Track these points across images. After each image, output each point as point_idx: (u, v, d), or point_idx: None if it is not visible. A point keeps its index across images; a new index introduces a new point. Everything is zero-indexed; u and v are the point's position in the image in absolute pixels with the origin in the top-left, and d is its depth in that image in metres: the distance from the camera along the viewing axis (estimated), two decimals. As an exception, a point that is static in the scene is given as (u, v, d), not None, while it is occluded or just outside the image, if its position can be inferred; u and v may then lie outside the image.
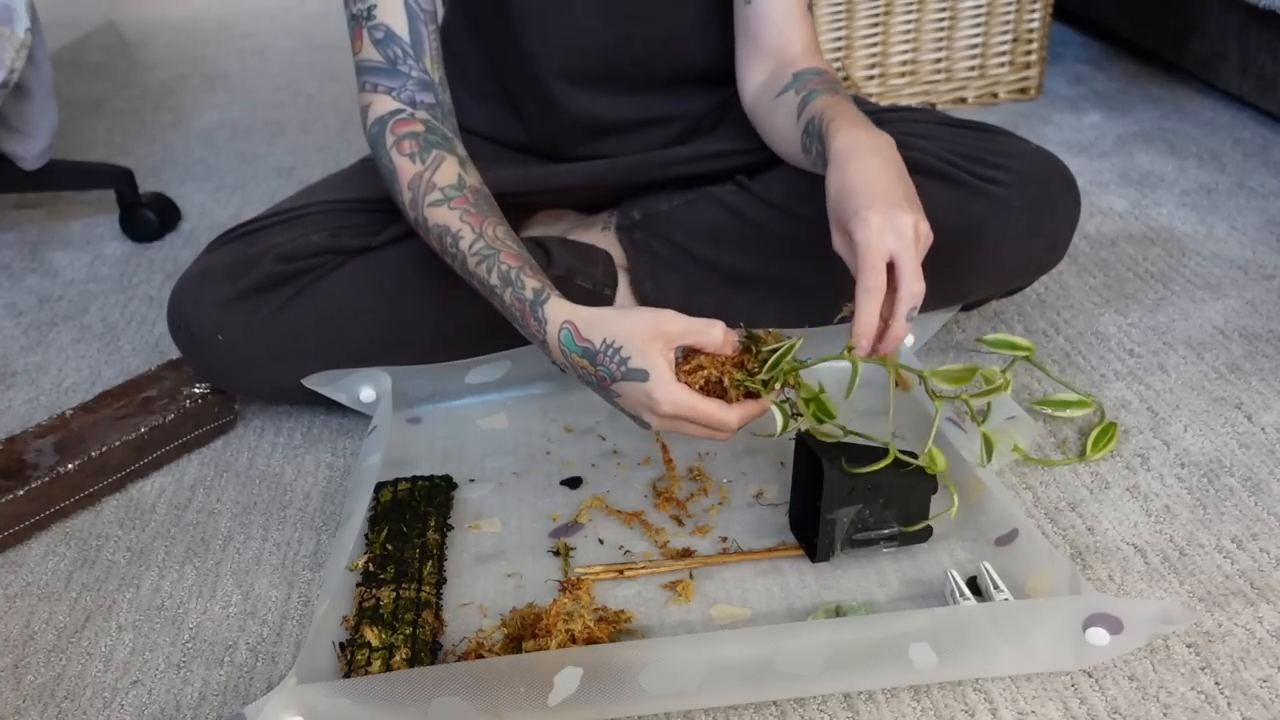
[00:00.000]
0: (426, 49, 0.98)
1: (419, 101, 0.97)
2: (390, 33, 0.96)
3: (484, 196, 0.94)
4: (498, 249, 0.89)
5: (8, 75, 1.39)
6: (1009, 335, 1.01)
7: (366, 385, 1.05)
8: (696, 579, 0.88)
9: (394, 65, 0.97)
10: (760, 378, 0.81)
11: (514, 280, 0.87)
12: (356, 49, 0.98)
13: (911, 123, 1.12)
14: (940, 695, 0.77)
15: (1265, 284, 1.25)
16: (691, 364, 0.81)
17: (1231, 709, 0.74)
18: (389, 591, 0.85)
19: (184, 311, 1.04)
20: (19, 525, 0.98)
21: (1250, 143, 1.63)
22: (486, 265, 0.89)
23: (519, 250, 0.90)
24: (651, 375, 0.79)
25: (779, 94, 1.02)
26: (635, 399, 0.81)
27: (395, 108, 0.96)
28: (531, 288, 0.86)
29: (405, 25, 0.97)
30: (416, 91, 0.97)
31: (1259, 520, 0.91)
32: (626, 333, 0.80)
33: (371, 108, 0.98)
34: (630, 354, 0.80)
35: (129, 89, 2.28)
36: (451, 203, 0.92)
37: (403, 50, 0.96)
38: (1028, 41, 1.81)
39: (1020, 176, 1.05)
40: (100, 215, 1.67)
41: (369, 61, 0.97)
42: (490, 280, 0.89)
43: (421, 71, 0.97)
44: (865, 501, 0.85)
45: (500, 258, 0.88)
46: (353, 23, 0.98)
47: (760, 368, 0.81)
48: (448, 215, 0.92)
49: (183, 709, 0.81)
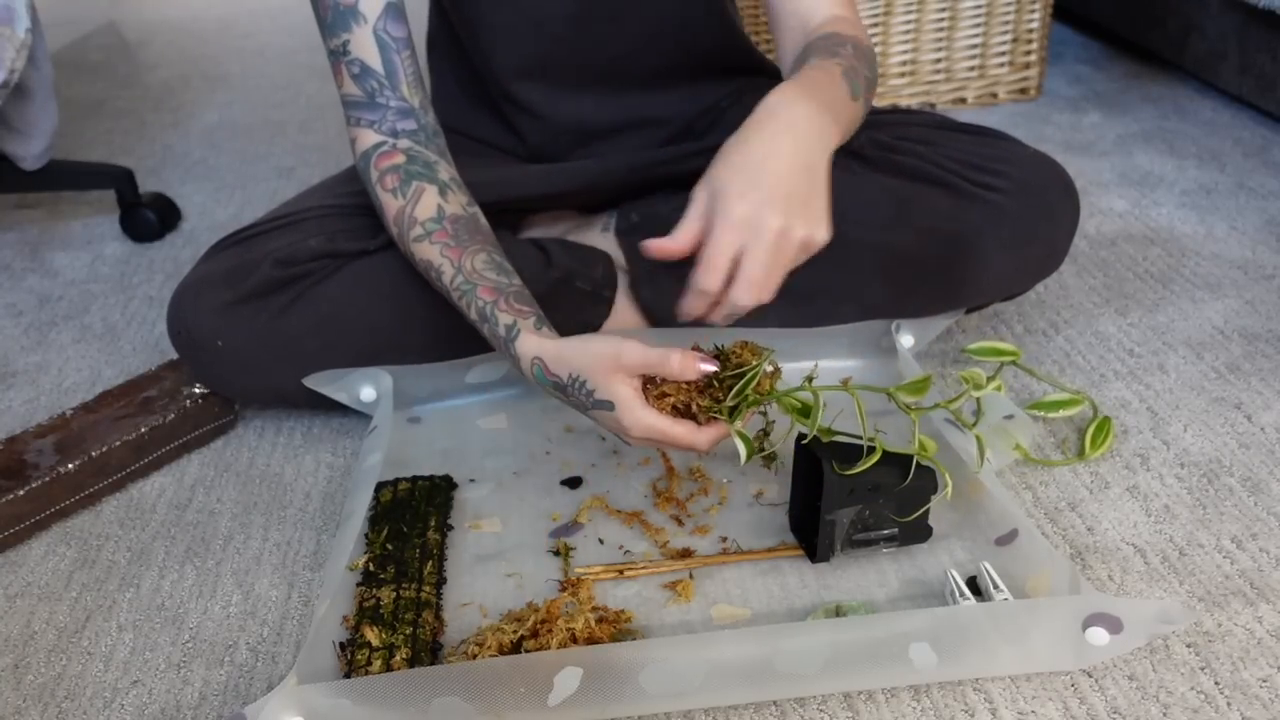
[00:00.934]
0: (402, 77, 0.98)
1: (399, 130, 0.98)
2: (365, 67, 0.97)
3: (464, 224, 0.95)
4: (475, 283, 0.91)
5: (8, 75, 1.39)
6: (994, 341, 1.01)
7: (367, 385, 1.05)
8: (696, 579, 0.88)
9: (372, 98, 0.98)
10: (727, 404, 0.81)
11: (489, 316, 0.89)
12: (339, 84, 1.00)
13: (910, 126, 1.12)
14: (940, 695, 0.77)
15: (1265, 284, 1.25)
16: (658, 390, 0.82)
17: (1231, 709, 0.74)
18: (389, 591, 0.85)
19: (183, 319, 1.04)
20: (19, 525, 0.98)
21: (1250, 143, 1.63)
22: (466, 300, 0.91)
23: (496, 280, 0.91)
24: (617, 406, 0.81)
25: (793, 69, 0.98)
26: (608, 425, 0.84)
27: (377, 140, 0.98)
28: (504, 324, 0.88)
29: (378, 57, 0.97)
30: (396, 121, 0.98)
31: (1259, 520, 0.91)
32: (588, 367, 0.81)
33: (357, 142, 0.99)
34: (594, 387, 0.82)
35: (129, 89, 2.28)
36: (432, 237, 0.94)
37: (378, 83, 0.97)
38: (1027, 42, 1.81)
39: (1018, 183, 1.05)
40: (100, 215, 1.67)
41: (350, 96, 0.99)
42: (471, 315, 0.91)
43: (400, 100, 0.98)
44: (865, 502, 0.85)
45: (477, 292, 0.90)
46: (332, 58, 0.99)
47: (725, 394, 0.81)
48: (429, 250, 0.94)
49: (183, 709, 0.81)
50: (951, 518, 0.92)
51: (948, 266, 1.05)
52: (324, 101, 2.13)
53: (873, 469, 0.84)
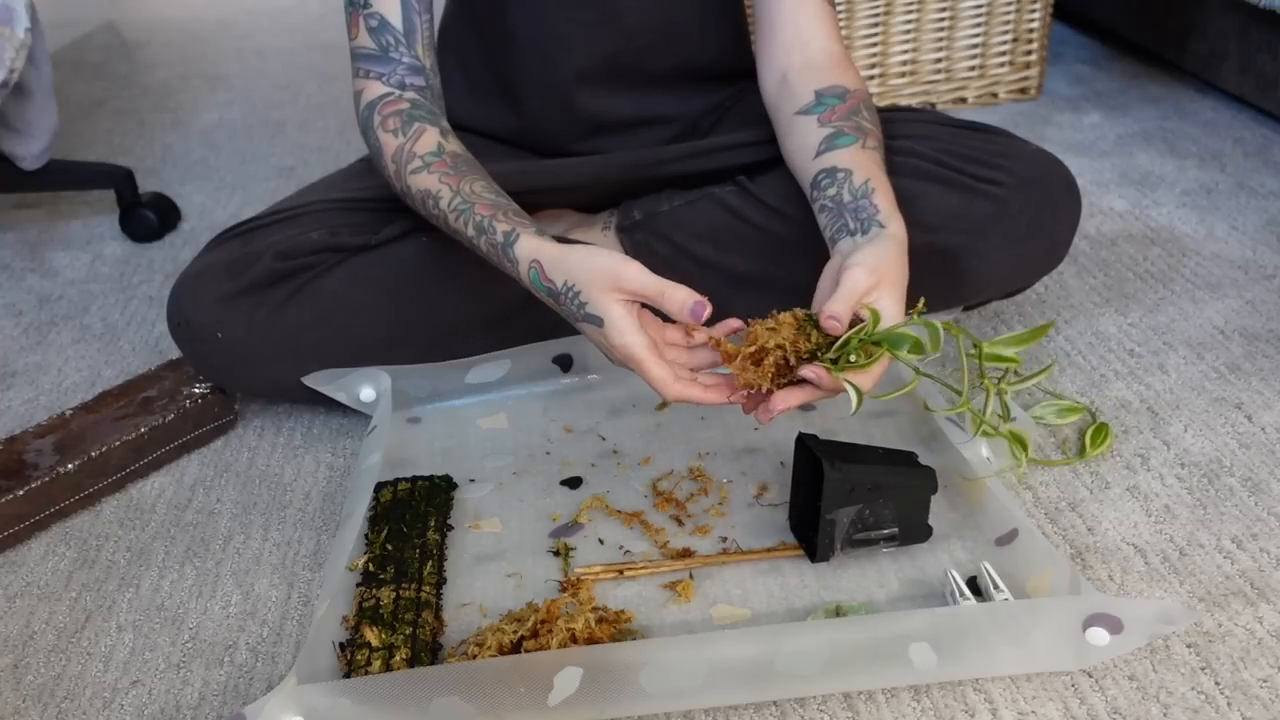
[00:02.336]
0: (419, 37, 1.00)
1: (408, 84, 1.00)
2: (384, 21, 0.99)
3: (464, 160, 0.97)
4: (473, 202, 0.92)
5: (8, 75, 1.39)
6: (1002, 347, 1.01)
7: (366, 384, 1.05)
8: (696, 579, 0.88)
9: (386, 52, 0.99)
10: (829, 356, 0.81)
11: (487, 228, 0.90)
12: (352, 35, 1.01)
13: (911, 123, 1.11)
14: (940, 695, 0.77)
15: (1265, 284, 1.25)
16: (754, 349, 0.81)
17: (1231, 709, 0.74)
18: (389, 591, 0.85)
19: (183, 309, 1.04)
20: (19, 525, 0.98)
21: (1250, 143, 1.63)
22: (464, 219, 0.92)
23: (495, 200, 0.92)
24: (606, 323, 0.82)
25: (799, 111, 1.00)
26: (595, 339, 0.85)
27: (385, 91, 1.00)
28: (502, 231, 0.89)
29: (399, 14, 0.99)
30: (406, 75, 1.00)
31: (1259, 520, 0.91)
32: (586, 280, 0.83)
33: (363, 93, 1.01)
34: (588, 300, 0.82)
35: (129, 89, 2.28)
36: (431, 168, 0.95)
37: (395, 38, 0.99)
38: (1028, 41, 1.81)
39: (1020, 179, 1.05)
40: (100, 215, 1.67)
41: (363, 48, 1.00)
42: (468, 233, 0.92)
43: (413, 58, 1.00)
44: (865, 501, 0.85)
45: (475, 209, 0.91)
46: (349, 8, 1.01)
47: (826, 348, 0.81)
48: (427, 180, 0.95)
49: (183, 709, 0.80)
50: (951, 518, 0.92)
51: (951, 262, 1.05)
52: (324, 101, 2.13)
53: (873, 469, 0.84)
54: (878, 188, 0.92)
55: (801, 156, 0.99)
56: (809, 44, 1.03)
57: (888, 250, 0.85)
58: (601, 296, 0.82)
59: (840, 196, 0.92)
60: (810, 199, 0.97)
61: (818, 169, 0.96)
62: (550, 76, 1.11)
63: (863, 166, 0.94)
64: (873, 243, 0.86)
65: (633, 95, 1.14)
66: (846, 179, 0.93)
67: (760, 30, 1.06)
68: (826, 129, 0.97)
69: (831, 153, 0.96)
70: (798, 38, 1.03)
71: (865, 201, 0.91)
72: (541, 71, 1.11)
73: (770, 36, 1.05)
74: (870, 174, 0.93)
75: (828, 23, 1.04)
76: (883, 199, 0.91)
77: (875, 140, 0.98)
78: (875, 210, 0.90)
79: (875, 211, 0.90)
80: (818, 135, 0.98)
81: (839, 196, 0.92)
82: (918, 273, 1.07)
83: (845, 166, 0.94)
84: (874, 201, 0.90)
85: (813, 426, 1.03)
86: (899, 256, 0.86)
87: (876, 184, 0.92)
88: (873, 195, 0.91)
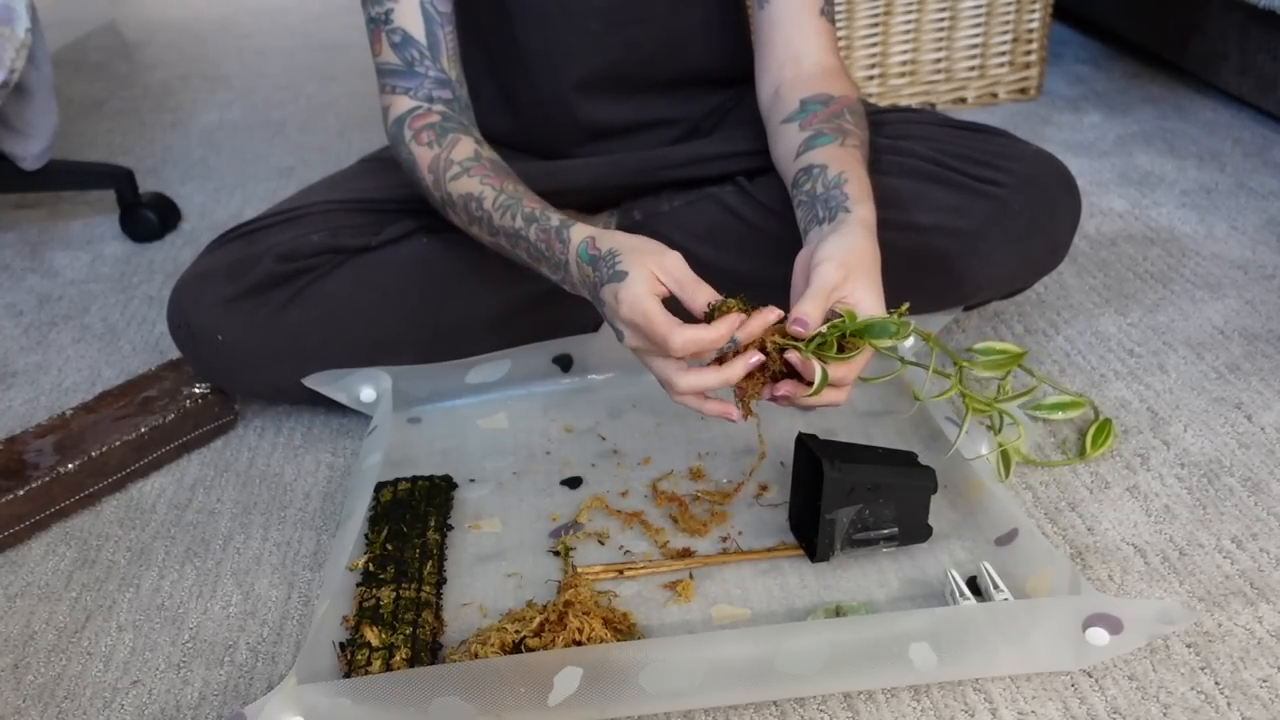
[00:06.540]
0: (443, 50, 1.01)
1: (435, 97, 1.01)
2: (407, 36, 0.99)
3: (501, 165, 0.98)
4: (519, 198, 0.93)
5: (8, 75, 1.39)
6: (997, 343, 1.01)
7: (366, 385, 1.05)
8: (696, 579, 0.88)
9: (411, 67, 1.00)
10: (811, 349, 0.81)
11: (538, 217, 0.91)
12: (376, 51, 1.01)
13: (910, 124, 1.12)
14: (940, 695, 0.77)
15: (1265, 284, 1.25)
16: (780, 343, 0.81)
17: (1231, 709, 0.74)
18: (389, 591, 0.85)
19: (184, 311, 1.04)
20: (19, 525, 0.98)
21: (1250, 143, 1.63)
22: (511, 212, 0.92)
23: (541, 199, 0.94)
24: (629, 277, 0.81)
25: (784, 120, 1.01)
26: (610, 304, 0.83)
27: (413, 105, 1.00)
28: (558, 218, 0.90)
29: (422, 29, 1.00)
30: (434, 89, 1.01)
31: (1259, 520, 0.91)
32: (635, 247, 0.84)
33: (391, 108, 1.01)
34: (623, 259, 0.82)
35: (129, 89, 2.28)
36: (470, 172, 0.96)
37: (419, 53, 1.00)
38: (1028, 41, 1.81)
39: (1020, 179, 1.05)
40: (100, 215, 1.67)
41: (388, 64, 1.01)
42: (515, 224, 0.92)
43: (439, 71, 1.00)
44: (865, 501, 0.85)
45: (523, 203, 0.93)
46: (371, 25, 1.01)
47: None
48: (468, 183, 0.95)
49: (183, 709, 0.81)
50: (951, 518, 0.92)
51: (951, 263, 1.05)
52: (324, 101, 2.13)
53: (872, 469, 0.84)
54: (851, 178, 0.91)
55: (785, 161, 0.99)
56: (803, 59, 1.03)
57: (854, 238, 0.84)
58: (638, 260, 0.82)
59: (814, 190, 0.92)
60: (792, 199, 0.97)
61: (797, 168, 0.96)
62: (553, 84, 1.11)
63: (838, 161, 0.93)
64: (838, 231, 0.85)
65: (634, 101, 1.14)
66: (821, 173, 0.93)
67: (759, 48, 1.07)
68: (807, 132, 0.98)
69: (810, 152, 0.96)
70: (792, 54, 1.04)
71: (836, 191, 0.90)
72: (544, 79, 1.11)
73: (768, 53, 1.05)
74: (845, 167, 0.92)
75: (824, 39, 1.04)
76: (854, 187, 0.90)
77: (856, 140, 0.97)
78: (844, 198, 0.89)
79: (844, 199, 0.89)
80: (799, 138, 0.98)
81: (813, 190, 0.92)
82: (918, 273, 1.07)
83: (821, 163, 0.94)
84: (844, 190, 0.90)
85: (813, 426, 1.03)
86: (867, 241, 0.85)
87: (850, 175, 0.91)
88: (844, 185, 0.91)
